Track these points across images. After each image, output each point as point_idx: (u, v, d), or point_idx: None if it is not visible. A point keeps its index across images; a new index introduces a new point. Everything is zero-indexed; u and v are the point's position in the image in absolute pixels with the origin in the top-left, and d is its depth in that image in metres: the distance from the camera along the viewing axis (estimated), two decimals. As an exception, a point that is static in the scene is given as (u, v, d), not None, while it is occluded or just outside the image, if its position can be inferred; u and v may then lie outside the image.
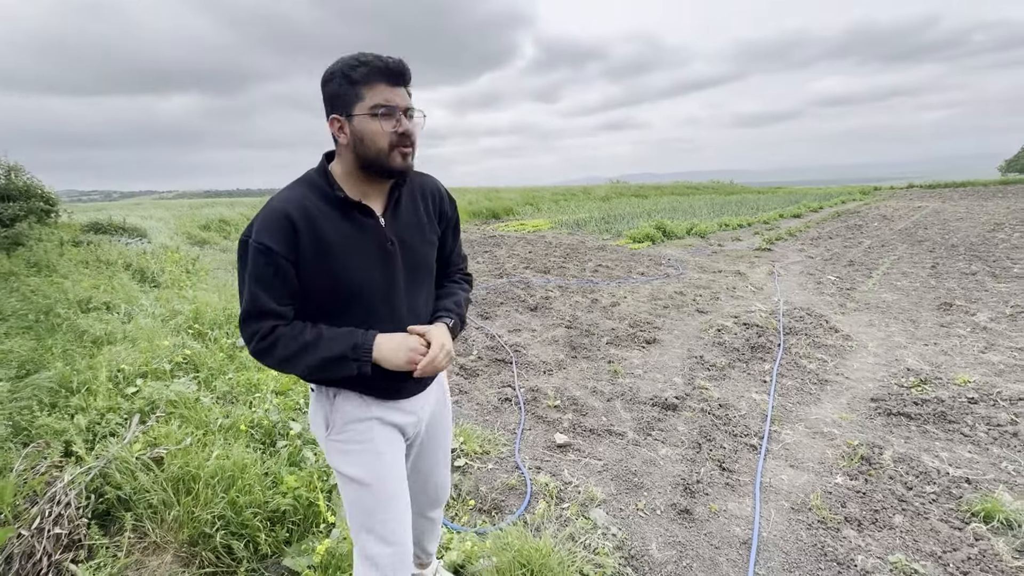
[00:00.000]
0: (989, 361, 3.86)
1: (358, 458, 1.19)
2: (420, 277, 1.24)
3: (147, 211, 14.69)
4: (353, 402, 1.20)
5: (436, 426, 1.42)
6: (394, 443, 1.25)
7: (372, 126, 1.05)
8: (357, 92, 1.05)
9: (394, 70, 1.06)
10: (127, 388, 2.55)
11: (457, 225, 1.38)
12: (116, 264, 5.81)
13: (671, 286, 6.53)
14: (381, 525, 1.19)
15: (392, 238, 1.16)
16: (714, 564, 1.98)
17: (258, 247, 1.04)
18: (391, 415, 1.24)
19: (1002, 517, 2.15)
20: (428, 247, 1.26)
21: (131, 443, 1.99)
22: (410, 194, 1.23)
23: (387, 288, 1.16)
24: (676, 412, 3.17)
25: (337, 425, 1.20)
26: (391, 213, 1.17)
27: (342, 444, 1.20)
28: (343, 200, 1.10)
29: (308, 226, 1.06)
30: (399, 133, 1.07)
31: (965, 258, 8.10)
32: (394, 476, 1.22)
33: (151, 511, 1.82)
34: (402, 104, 1.07)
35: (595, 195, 25.13)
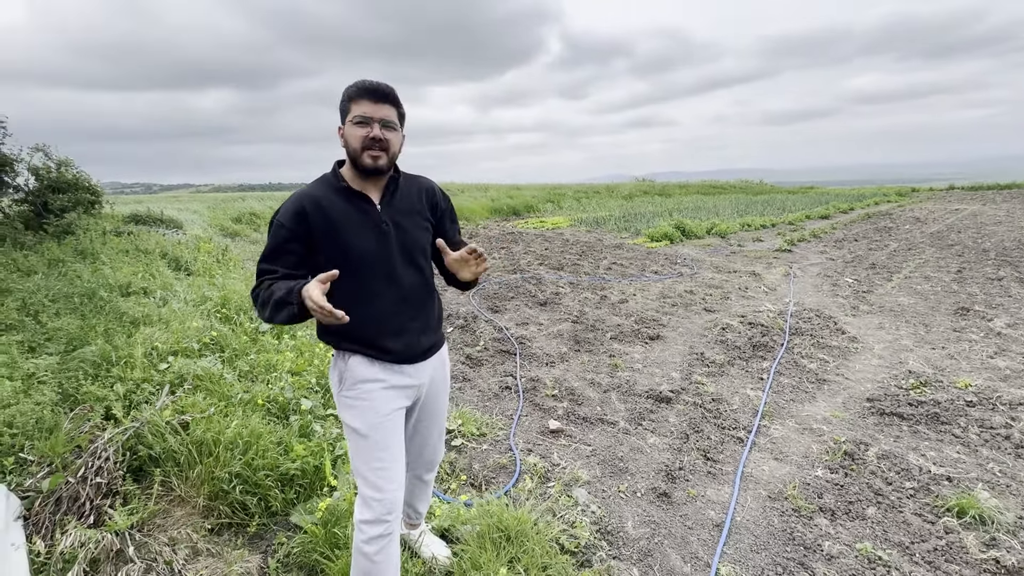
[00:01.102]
0: (996, 366, 3.83)
1: (360, 413, 1.40)
2: (414, 255, 1.47)
3: (184, 204, 15.42)
4: (363, 364, 1.42)
5: (435, 395, 1.62)
6: (393, 405, 1.45)
7: (352, 131, 1.35)
8: (348, 107, 1.36)
9: (374, 90, 1.34)
10: (160, 364, 2.83)
11: (453, 213, 1.63)
12: (153, 253, 6.22)
13: (682, 285, 6.57)
14: (374, 473, 1.39)
15: (387, 220, 1.42)
16: (685, 542, 2.11)
17: (278, 223, 1.37)
18: (395, 379, 1.45)
19: (976, 513, 2.21)
20: (421, 231, 1.49)
21: (161, 410, 2.24)
22: (406, 189, 1.50)
23: (384, 261, 1.40)
24: (669, 405, 3.29)
25: (348, 383, 1.42)
26: (387, 202, 1.44)
27: (351, 400, 1.42)
28: (346, 189, 1.40)
29: (317, 210, 1.36)
30: (370, 138, 1.33)
31: (994, 263, 7.86)
32: (389, 431, 1.42)
33: (177, 469, 2.06)
34: (377, 116, 1.34)
35: (619, 193, 25.01)
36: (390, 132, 1.37)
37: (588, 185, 27.51)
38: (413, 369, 1.48)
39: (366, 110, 1.33)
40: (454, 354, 4.19)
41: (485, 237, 11.46)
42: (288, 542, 1.92)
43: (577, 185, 27.10)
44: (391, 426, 1.43)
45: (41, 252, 5.73)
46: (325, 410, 2.74)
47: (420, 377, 1.51)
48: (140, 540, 1.82)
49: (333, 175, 1.43)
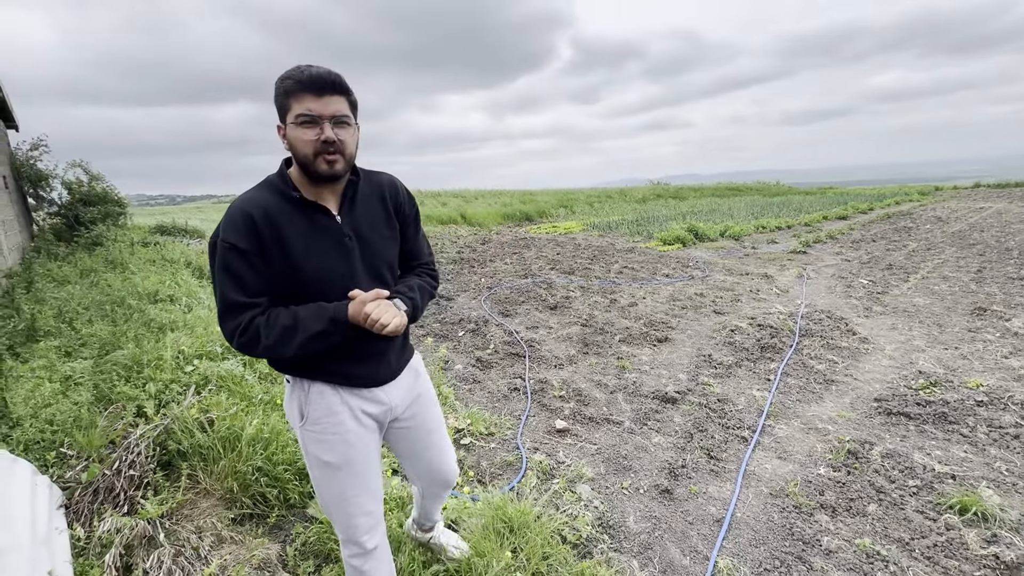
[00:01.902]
0: (1010, 366, 3.79)
1: (331, 447, 1.28)
2: (379, 270, 1.29)
3: (207, 214, 15.90)
4: (326, 394, 1.28)
5: (422, 409, 1.47)
6: (364, 434, 1.33)
7: (297, 133, 1.12)
8: (288, 103, 1.13)
9: (317, 80, 1.10)
10: (186, 366, 2.99)
11: (417, 218, 1.44)
12: (179, 262, 6.48)
13: (693, 288, 6.59)
14: (351, 500, 1.32)
15: (349, 233, 1.23)
16: (685, 536, 2.17)
17: (226, 245, 1.12)
18: (364, 405, 1.32)
19: (978, 510, 2.23)
20: (386, 241, 1.31)
21: (188, 408, 2.39)
22: (366, 192, 1.29)
23: (348, 281, 1.22)
24: (675, 405, 3.34)
25: (312, 416, 1.28)
26: (346, 210, 1.24)
27: (317, 434, 1.28)
28: (299, 200, 1.18)
29: (268, 224, 1.14)
30: (322, 141, 1.11)
31: (1017, 262, 7.69)
32: (363, 461, 1.33)
33: (203, 463, 2.20)
34: (326, 112, 1.11)
35: (632, 197, 24.96)
36: (344, 130, 1.15)
37: (601, 189, 27.52)
38: (383, 392, 1.35)
39: (311, 106, 1.10)
40: (464, 357, 4.30)
41: (498, 243, 11.59)
42: (305, 532, 2.04)
43: (590, 190, 27.13)
44: (366, 455, 1.33)
45: (74, 263, 6.03)
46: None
47: (391, 398, 1.37)
48: (170, 528, 1.96)
49: (281, 179, 1.20)
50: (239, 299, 1.14)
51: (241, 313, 1.15)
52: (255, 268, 1.15)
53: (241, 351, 1.17)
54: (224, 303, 1.15)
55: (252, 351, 1.16)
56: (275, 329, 1.14)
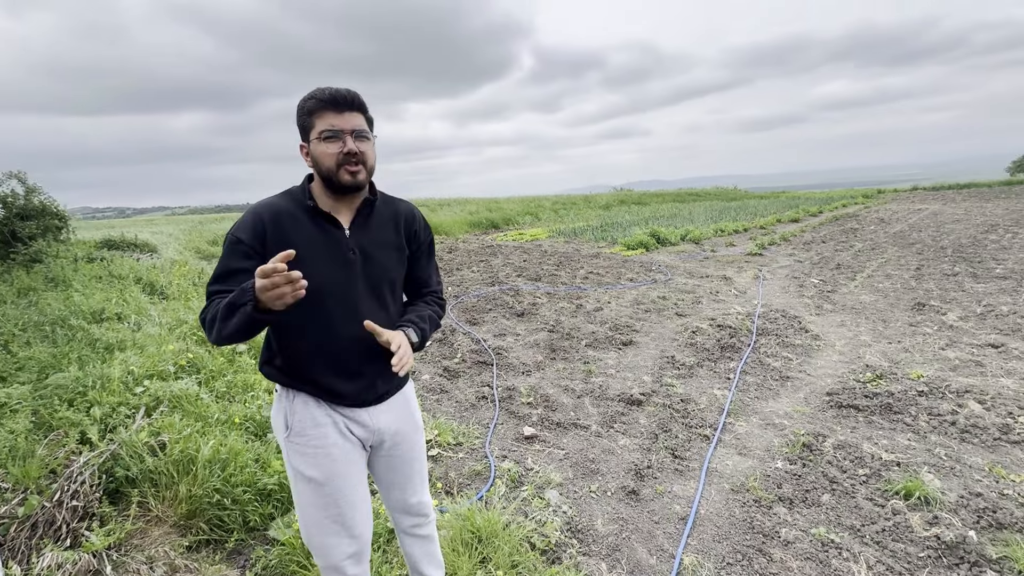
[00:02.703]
0: (946, 357, 4.05)
1: (314, 460, 1.26)
2: (381, 289, 1.32)
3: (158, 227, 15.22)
4: (311, 406, 1.27)
5: (404, 440, 1.43)
6: (349, 449, 1.31)
7: (321, 148, 1.20)
8: (311, 122, 1.21)
9: (337, 98, 1.20)
10: (136, 387, 2.85)
11: (431, 247, 1.47)
12: (127, 278, 6.17)
13: (656, 291, 6.76)
14: (331, 519, 1.29)
15: (355, 248, 1.26)
16: (651, 536, 2.21)
17: (232, 238, 1.21)
18: (348, 423, 1.31)
19: (921, 495, 2.36)
20: (393, 263, 1.34)
21: (138, 431, 2.28)
22: (382, 213, 1.34)
23: (346, 292, 1.25)
24: (640, 407, 3.41)
25: (296, 428, 1.27)
26: (357, 226, 1.29)
27: (300, 447, 1.27)
28: (313, 209, 1.25)
29: (276, 225, 1.21)
30: (344, 153, 1.19)
31: (951, 260, 8.24)
32: (348, 476, 1.30)
33: (154, 489, 2.10)
34: (347, 127, 1.20)
35: (596, 204, 25.42)
36: (364, 143, 1.23)
37: (567, 196, 27.91)
38: (368, 414, 1.33)
39: (334, 122, 1.19)
40: (431, 367, 4.26)
41: (465, 251, 11.56)
42: (266, 555, 1.97)
43: (556, 197, 27.47)
44: (351, 471, 1.31)
45: (10, 281, 5.66)
46: (302, 426, 2.79)
47: (376, 423, 1.35)
48: (118, 560, 1.85)
49: (301, 191, 1.28)
50: (215, 286, 1.20)
51: (212, 297, 1.20)
52: (247, 263, 1.19)
53: (203, 326, 1.21)
54: (211, 284, 1.21)
55: (206, 331, 1.19)
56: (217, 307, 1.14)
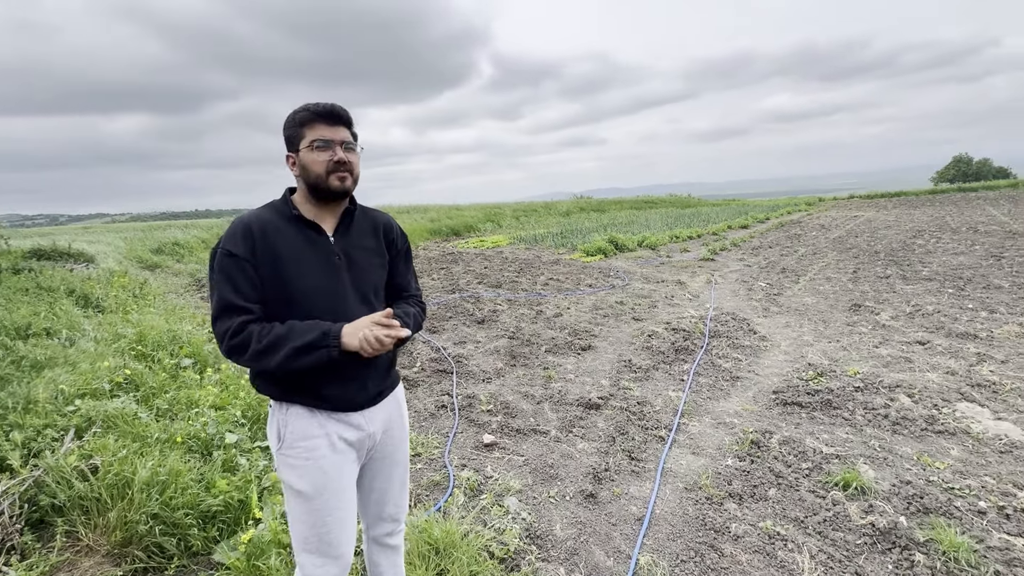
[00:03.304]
0: (879, 354, 4.33)
1: (306, 473, 1.27)
2: (366, 292, 1.36)
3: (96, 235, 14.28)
4: (304, 418, 1.28)
5: (392, 442, 1.45)
6: (340, 463, 1.31)
7: (312, 157, 1.26)
8: (301, 132, 1.28)
9: (329, 112, 1.28)
10: (66, 407, 2.65)
11: (408, 254, 1.54)
12: (59, 291, 5.75)
13: (614, 296, 6.90)
14: (318, 538, 1.29)
15: (339, 253, 1.32)
16: (609, 538, 2.24)
17: (224, 252, 1.23)
18: (341, 431, 1.32)
19: (858, 485, 2.51)
20: (375, 267, 1.40)
21: (67, 455, 2.12)
22: (362, 222, 1.41)
23: (334, 296, 1.29)
24: (598, 411, 3.46)
25: (288, 440, 1.28)
26: (340, 233, 1.35)
27: (291, 459, 1.28)
28: (298, 218, 1.30)
29: (264, 237, 1.25)
30: (334, 161, 1.26)
31: (883, 263, 8.84)
32: (339, 492, 1.30)
33: (84, 516, 1.95)
34: (337, 138, 1.28)
35: (557, 211, 25.76)
36: (352, 154, 1.30)
37: (528, 203, 28.15)
38: (362, 417, 1.35)
39: (324, 133, 1.26)
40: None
41: (425, 259, 11.45)
42: (210, 581, 1.87)
43: (517, 204, 27.66)
44: (341, 486, 1.31)
45: (-79, 295, 5.16)
46: (252, 443, 2.67)
47: (371, 425, 1.37)
48: (41, 596, 1.71)
49: (283, 202, 1.33)
50: (235, 300, 1.20)
51: (235, 315, 1.20)
52: (248, 275, 1.23)
53: (229, 355, 1.21)
54: (220, 304, 1.21)
55: (240, 355, 1.20)
56: (269, 336, 1.18)
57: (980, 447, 2.85)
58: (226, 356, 1.23)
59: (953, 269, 7.84)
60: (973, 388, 3.57)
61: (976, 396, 3.45)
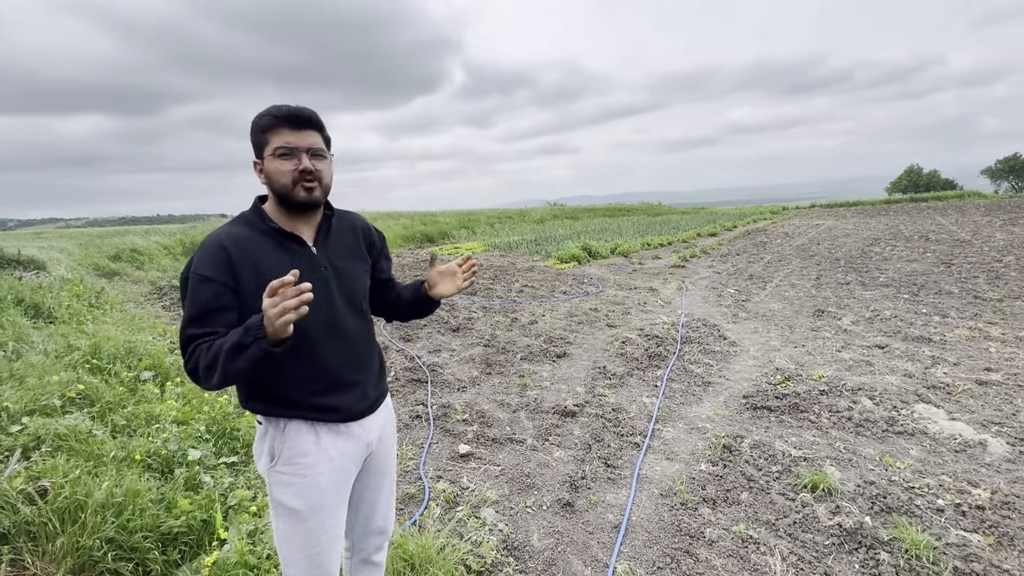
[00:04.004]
0: (842, 359, 4.49)
1: (301, 491, 1.22)
2: (357, 300, 1.33)
3: (48, 240, 13.54)
4: (302, 433, 1.24)
5: (383, 451, 1.43)
6: (338, 479, 1.28)
7: (276, 165, 1.18)
8: (265, 138, 1.20)
9: (294, 116, 1.19)
10: (11, 426, 2.48)
11: (387, 250, 1.52)
12: (5, 300, 5.42)
13: (588, 303, 6.96)
14: (309, 560, 1.24)
15: (325, 263, 1.27)
16: (586, 547, 2.24)
17: (197, 278, 1.14)
18: (342, 444, 1.28)
19: (825, 486, 2.58)
20: (360, 273, 1.36)
21: (12, 478, 1.98)
22: (339, 227, 1.36)
23: (326, 309, 1.24)
24: (574, 418, 3.47)
25: (284, 456, 1.23)
26: (322, 242, 1.29)
27: (287, 476, 1.23)
28: (276, 231, 1.22)
29: (243, 256, 1.17)
30: (299, 170, 1.18)
31: (844, 270, 9.20)
32: (332, 510, 1.27)
33: (32, 543, 1.82)
34: (303, 145, 1.19)
35: (531, 218, 25.90)
36: (320, 161, 1.22)
37: (502, 210, 28.22)
38: (360, 427, 1.32)
39: (289, 139, 1.18)
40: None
41: (398, 265, 11.31)
42: (171, 607, 1.78)
43: (491, 210, 27.69)
44: (336, 505, 1.28)
45: None
46: (216, 459, 2.56)
47: (369, 433, 1.35)
48: (-18, 632, 1.59)
49: (255, 213, 1.25)
50: (195, 331, 1.14)
51: (194, 342, 1.13)
52: (222, 301, 1.15)
53: (191, 379, 1.15)
54: (183, 335, 1.15)
55: (196, 377, 1.13)
56: (210, 353, 1.09)
57: (937, 447, 2.97)
58: (191, 377, 1.16)
59: (908, 275, 8.23)
60: (929, 390, 3.74)
61: (932, 397, 3.61)
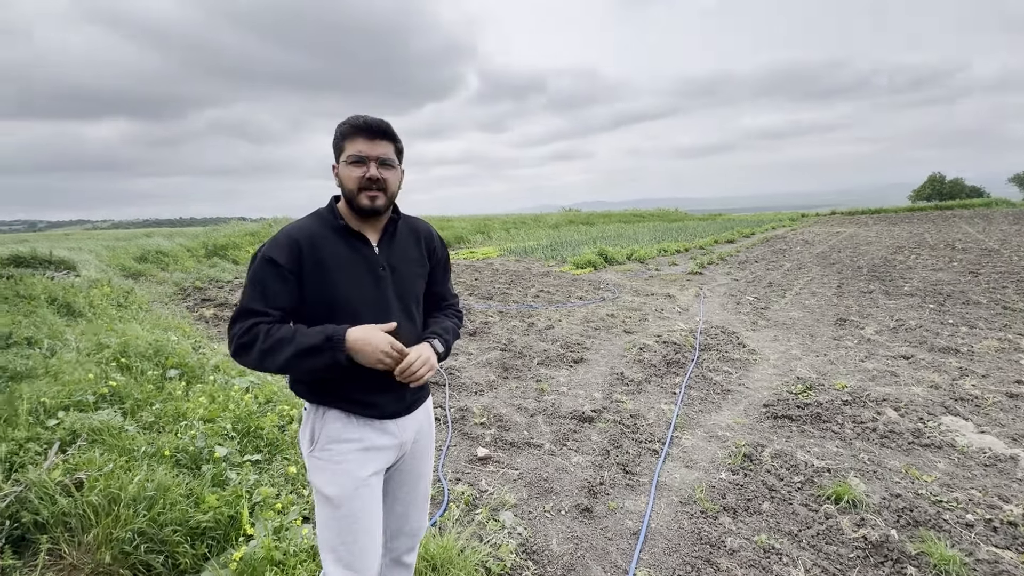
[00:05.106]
0: (866, 368, 4.41)
1: (333, 477, 1.27)
2: (408, 302, 1.38)
3: (77, 242, 13.98)
4: (340, 421, 1.29)
5: (420, 454, 1.47)
6: (370, 468, 1.31)
7: (347, 171, 1.28)
8: (342, 145, 1.29)
9: (368, 126, 1.27)
10: (48, 420, 2.57)
11: (447, 263, 1.55)
12: (39, 299, 5.61)
13: (605, 309, 6.94)
14: (346, 548, 1.27)
15: (384, 264, 1.34)
16: (605, 553, 2.23)
17: (265, 258, 1.24)
18: (375, 438, 1.32)
19: (849, 498, 2.53)
20: (417, 278, 1.42)
21: (50, 470, 2.05)
22: (405, 232, 1.42)
23: (378, 307, 1.31)
24: (592, 424, 3.46)
25: (321, 442, 1.29)
26: (385, 244, 1.36)
27: (323, 462, 1.28)
28: (344, 228, 1.32)
29: (311, 247, 1.27)
30: (366, 178, 1.26)
31: (866, 278, 9.03)
32: (365, 500, 1.29)
33: (68, 534, 1.89)
34: (373, 154, 1.27)
35: (546, 223, 25.92)
36: (388, 171, 1.30)
37: (517, 215, 28.29)
38: (396, 425, 1.36)
39: (361, 148, 1.26)
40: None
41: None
42: (199, 600, 1.82)
43: (506, 216, 27.79)
44: (368, 495, 1.30)
45: None
46: (241, 457, 2.62)
47: (404, 434, 1.38)
48: (22, 618, 1.65)
49: (329, 211, 1.34)
50: (256, 307, 1.22)
51: (251, 318, 1.22)
52: (285, 284, 1.24)
53: (236, 355, 1.22)
54: (242, 308, 1.23)
55: (246, 356, 1.21)
56: (273, 337, 1.19)
57: (966, 460, 2.90)
58: (233, 356, 1.23)
59: (933, 285, 8.04)
60: (957, 402, 3.65)
61: (960, 410, 3.53)
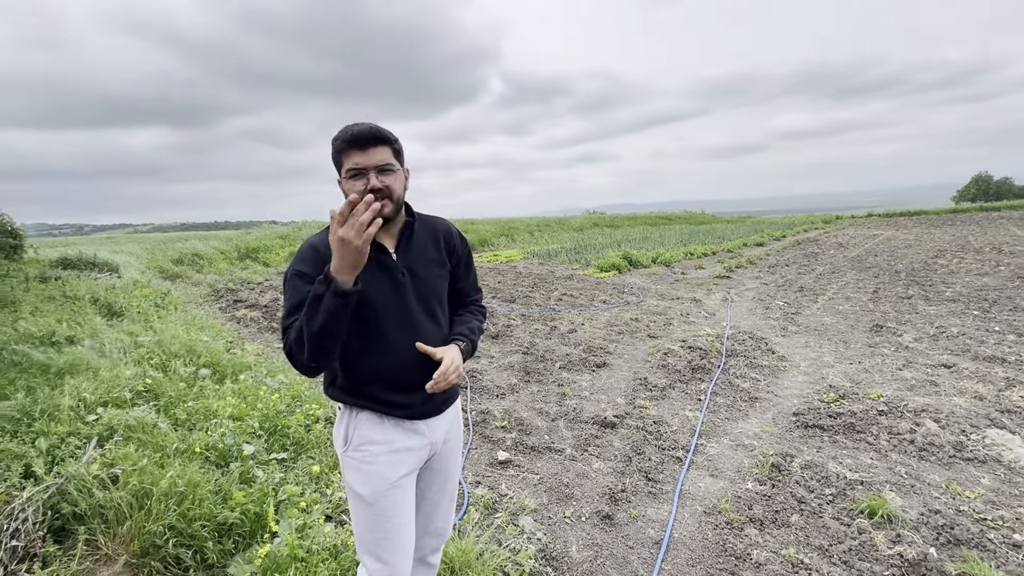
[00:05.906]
0: (903, 377, 4.23)
1: (366, 478, 1.31)
2: (431, 305, 1.40)
3: (119, 245, 14.64)
4: (371, 421, 1.34)
5: (448, 454, 1.50)
6: (402, 470, 1.35)
7: (349, 185, 1.27)
8: (340, 160, 1.29)
9: (358, 137, 1.25)
10: (88, 416, 2.69)
11: (469, 259, 1.55)
12: (83, 299, 5.89)
13: (628, 313, 6.86)
14: (378, 544, 1.32)
15: (403, 270, 1.35)
16: (626, 562, 2.20)
17: (294, 273, 1.28)
18: (406, 439, 1.35)
19: (884, 513, 2.43)
20: (438, 279, 1.43)
21: (89, 463, 2.14)
22: (421, 233, 1.42)
23: (401, 313, 1.33)
24: (614, 429, 3.42)
25: (354, 442, 1.33)
26: (402, 249, 1.37)
27: (356, 462, 1.33)
28: None
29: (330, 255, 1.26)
30: (368, 189, 1.23)
31: (904, 283, 8.66)
32: (397, 500, 1.33)
33: (104, 525, 1.97)
34: (371, 164, 1.25)
35: (570, 226, 25.80)
36: (388, 176, 1.28)
37: (541, 218, 28.26)
38: (426, 426, 1.39)
39: (357, 160, 1.25)
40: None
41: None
42: (225, 594, 1.87)
43: (530, 219, 27.77)
44: (399, 495, 1.34)
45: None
46: (268, 455, 2.68)
47: (434, 434, 1.41)
48: (60, 605, 1.72)
49: None
50: (291, 320, 1.26)
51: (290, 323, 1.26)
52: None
53: (290, 357, 1.25)
54: (285, 319, 1.28)
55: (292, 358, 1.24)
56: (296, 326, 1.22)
57: (1013, 476, 2.75)
58: (293, 364, 1.26)
59: (977, 290, 7.66)
60: (1003, 414, 3.46)
61: (1006, 423, 3.34)
